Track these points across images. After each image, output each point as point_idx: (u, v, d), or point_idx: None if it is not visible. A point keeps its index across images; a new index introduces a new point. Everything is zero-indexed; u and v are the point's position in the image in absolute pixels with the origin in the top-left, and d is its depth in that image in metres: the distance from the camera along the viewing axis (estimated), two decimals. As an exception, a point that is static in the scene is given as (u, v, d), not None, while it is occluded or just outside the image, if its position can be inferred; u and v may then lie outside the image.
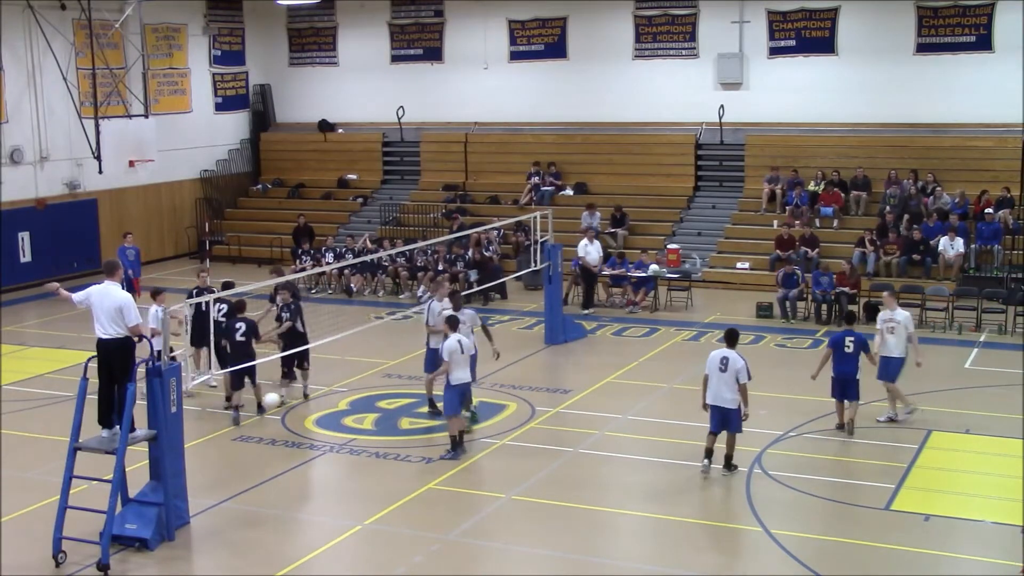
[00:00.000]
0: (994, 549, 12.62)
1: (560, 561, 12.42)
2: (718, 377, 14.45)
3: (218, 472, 15.09)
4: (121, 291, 12.86)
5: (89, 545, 12.26)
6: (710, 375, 14.54)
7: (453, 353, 15.21)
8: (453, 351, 15.21)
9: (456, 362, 15.24)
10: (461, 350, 15.28)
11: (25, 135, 28.61)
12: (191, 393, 16.87)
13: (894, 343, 16.52)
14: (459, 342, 15.28)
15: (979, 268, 25.23)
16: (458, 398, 15.46)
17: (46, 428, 17.08)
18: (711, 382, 14.53)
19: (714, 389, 14.49)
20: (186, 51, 33.29)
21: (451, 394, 15.38)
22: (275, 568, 12.16)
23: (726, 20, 29.97)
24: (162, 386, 12.74)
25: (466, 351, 15.46)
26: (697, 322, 23.71)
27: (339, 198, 33.75)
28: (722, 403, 14.46)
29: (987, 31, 27.54)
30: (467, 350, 15.50)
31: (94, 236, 30.05)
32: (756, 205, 29.05)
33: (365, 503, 14.10)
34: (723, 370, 14.40)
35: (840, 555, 12.43)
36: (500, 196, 31.49)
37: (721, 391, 14.45)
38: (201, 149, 33.94)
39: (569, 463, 15.39)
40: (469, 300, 24.95)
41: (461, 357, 15.30)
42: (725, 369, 14.39)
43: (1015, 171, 26.58)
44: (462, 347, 15.30)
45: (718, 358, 14.50)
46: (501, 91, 32.62)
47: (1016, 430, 16.13)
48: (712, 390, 14.51)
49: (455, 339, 15.29)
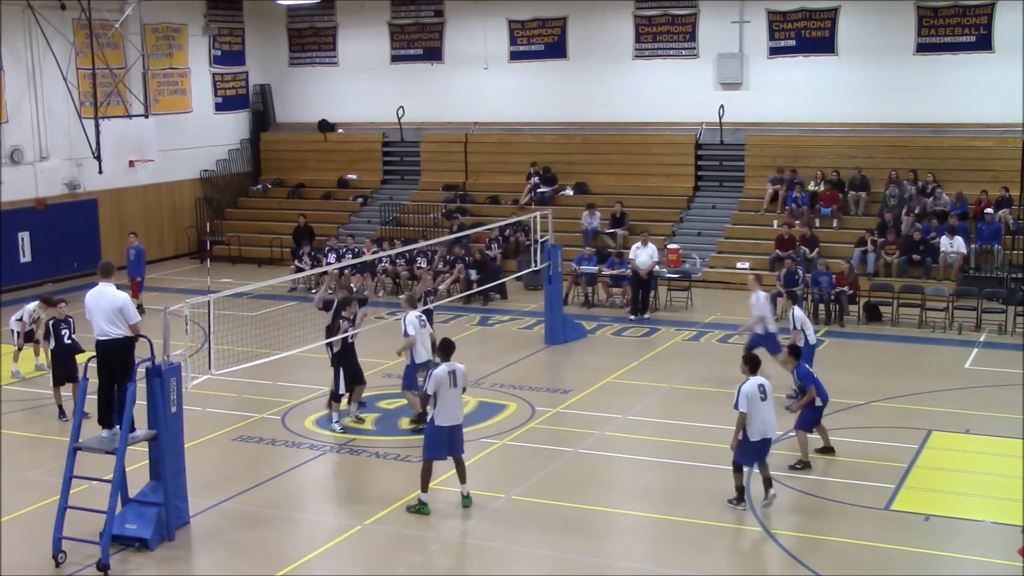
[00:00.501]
0: (994, 549, 12.63)
1: (560, 561, 12.42)
2: (760, 407, 13.32)
3: (218, 472, 15.09)
4: (118, 291, 12.89)
5: (89, 545, 12.26)
6: (751, 408, 13.28)
7: (417, 328, 16.11)
8: (416, 325, 16.10)
9: (421, 338, 16.12)
10: (420, 325, 16.10)
11: (25, 135, 28.62)
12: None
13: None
14: (417, 318, 16.11)
15: (979, 268, 25.24)
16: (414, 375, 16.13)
17: (46, 428, 17.10)
18: (756, 415, 13.30)
19: (761, 422, 13.34)
20: (186, 51, 33.30)
21: (411, 370, 16.19)
22: (275, 568, 12.17)
23: (726, 20, 29.97)
24: (162, 386, 12.76)
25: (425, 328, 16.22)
26: (697, 322, 23.71)
27: (339, 198, 33.76)
28: (771, 434, 13.52)
29: (987, 31, 27.54)
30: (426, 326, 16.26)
31: (94, 236, 30.05)
32: (756, 205, 29.06)
33: (365, 503, 14.11)
34: (764, 398, 13.37)
35: (840, 555, 12.43)
36: (500, 196, 31.51)
37: (771, 421, 13.45)
38: (201, 149, 33.94)
39: (569, 463, 15.40)
40: (469, 300, 25.12)
41: (423, 331, 16.14)
42: (766, 397, 13.41)
43: (1015, 171, 26.58)
44: (421, 323, 16.12)
45: (755, 387, 13.35)
46: (501, 91, 32.63)
47: (1016, 430, 16.14)
48: (758, 425, 13.31)
49: (414, 315, 16.16)
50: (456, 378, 13.42)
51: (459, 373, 13.49)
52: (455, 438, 13.54)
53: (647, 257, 24.51)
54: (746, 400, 13.24)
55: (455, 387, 13.41)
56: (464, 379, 13.64)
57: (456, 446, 13.57)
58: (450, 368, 13.40)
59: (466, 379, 13.74)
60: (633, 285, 24.56)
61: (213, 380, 14.84)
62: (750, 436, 13.31)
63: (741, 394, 13.29)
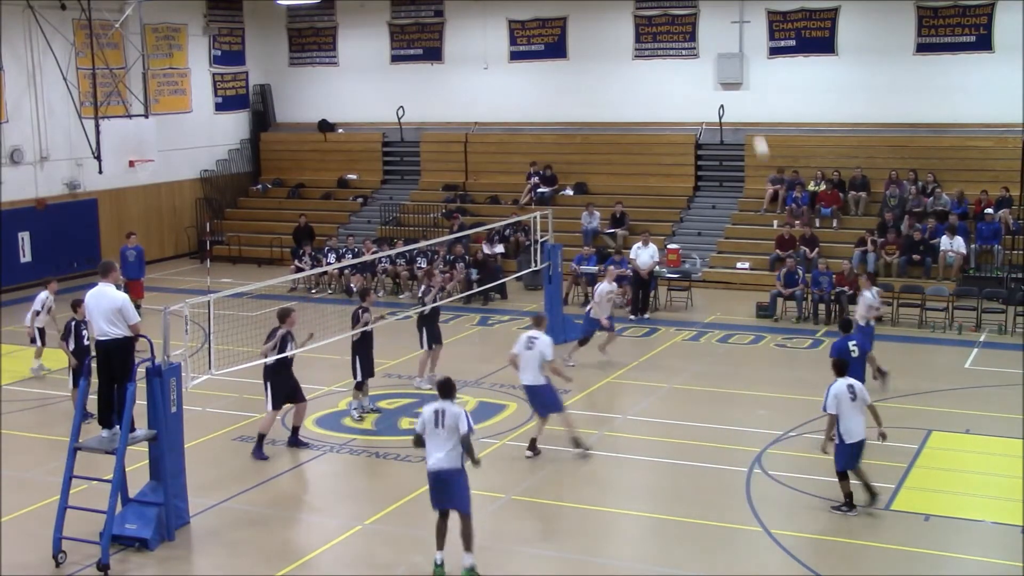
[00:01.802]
0: (994, 549, 12.64)
1: (560, 561, 12.42)
2: (851, 407, 13.15)
3: (218, 472, 15.08)
4: (117, 292, 12.89)
5: (89, 545, 12.27)
6: (841, 410, 13.10)
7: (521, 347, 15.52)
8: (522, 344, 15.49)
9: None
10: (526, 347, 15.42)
11: (25, 135, 28.62)
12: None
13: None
14: (528, 338, 15.52)
15: (979, 268, 25.24)
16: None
17: (46, 428, 17.10)
18: (847, 417, 13.11)
19: (853, 422, 13.11)
20: (186, 51, 33.30)
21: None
22: (275, 568, 12.17)
23: (726, 20, 29.97)
24: (162, 386, 12.76)
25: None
26: (697, 322, 23.72)
27: (339, 198, 33.76)
28: (861, 436, 13.24)
29: (987, 31, 27.54)
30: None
31: (94, 236, 30.05)
32: (756, 205, 29.06)
33: (365, 503, 14.12)
34: (854, 399, 13.18)
35: (840, 555, 12.43)
36: (500, 196, 31.51)
37: (860, 420, 13.25)
38: (201, 149, 33.95)
39: (569, 463, 15.39)
40: (469, 300, 25.12)
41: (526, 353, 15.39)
42: (856, 398, 13.20)
43: (1015, 171, 26.56)
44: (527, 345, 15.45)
45: (844, 388, 13.16)
46: (501, 91, 32.63)
47: (1016, 430, 16.14)
48: (850, 427, 13.10)
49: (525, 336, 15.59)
50: (443, 419, 11.53)
51: (449, 414, 11.53)
52: (443, 487, 11.61)
53: (647, 257, 24.50)
54: (835, 401, 13.08)
55: (439, 428, 11.52)
56: (456, 422, 11.49)
57: (448, 497, 11.65)
58: (438, 407, 11.65)
59: (464, 424, 11.52)
60: (633, 285, 24.56)
61: (213, 380, 14.83)
62: (845, 439, 13.11)
63: (830, 395, 13.14)
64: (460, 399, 17.02)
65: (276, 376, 15.52)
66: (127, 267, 24.25)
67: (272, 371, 15.50)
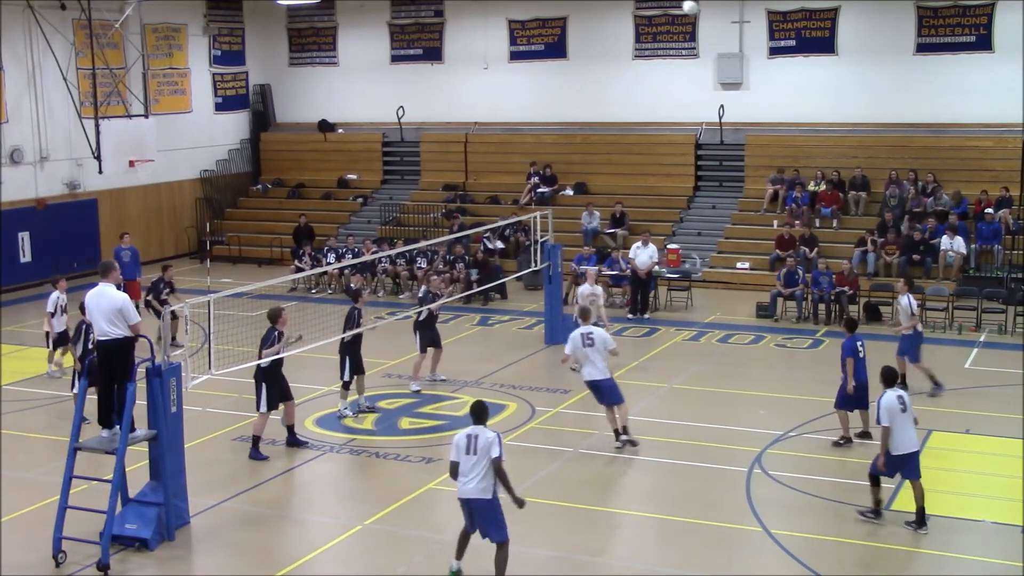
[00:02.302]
0: (994, 549, 12.63)
1: (560, 561, 12.42)
2: (901, 420, 12.89)
3: (218, 472, 15.08)
4: (117, 292, 12.87)
5: (89, 545, 12.26)
6: (893, 422, 12.85)
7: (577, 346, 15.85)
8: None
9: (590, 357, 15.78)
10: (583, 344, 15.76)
11: (25, 135, 28.62)
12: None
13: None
14: (581, 335, 15.80)
15: (979, 268, 25.23)
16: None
17: (46, 428, 17.10)
18: (898, 429, 12.87)
19: (903, 435, 12.89)
20: (186, 51, 33.30)
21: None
22: (275, 568, 12.17)
23: (726, 20, 29.96)
24: (162, 386, 12.76)
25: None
26: (697, 322, 23.71)
27: (339, 198, 33.76)
28: (914, 447, 13.02)
29: (987, 31, 27.54)
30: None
31: (94, 236, 30.06)
32: (756, 205, 29.05)
33: (365, 503, 14.10)
34: (904, 410, 12.95)
35: (840, 555, 12.42)
36: (500, 196, 31.51)
37: (911, 431, 13.03)
38: (201, 149, 33.95)
39: (569, 463, 15.39)
40: (470, 300, 25.11)
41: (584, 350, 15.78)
42: (906, 409, 12.97)
43: (1015, 171, 26.57)
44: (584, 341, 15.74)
45: (895, 399, 12.92)
46: (501, 91, 32.62)
47: (1016, 430, 16.14)
48: (900, 439, 12.86)
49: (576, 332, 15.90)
50: (475, 444, 11.13)
51: (482, 439, 11.12)
52: (473, 516, 11.35)
53: (647, 257, 24.51)
54: (887, 414, 12.83)
55: (471, 454, 11.14)
56: (489, 448, 11.09)
57: (481, 527, 11.38)
58: (471, 432, 11.25)
59: (495, 449, 11.10)
60: (633, 285, 24.55)
61: (213, 380, 14.82)
62: (891, 450, 12.86)
63: (882, 408, 12.86)
64: (460, 399, 17.08)
65: (271, 377, 15.54)
66: (122, 268, 24.14)
67: (267, 372, 15.49)
